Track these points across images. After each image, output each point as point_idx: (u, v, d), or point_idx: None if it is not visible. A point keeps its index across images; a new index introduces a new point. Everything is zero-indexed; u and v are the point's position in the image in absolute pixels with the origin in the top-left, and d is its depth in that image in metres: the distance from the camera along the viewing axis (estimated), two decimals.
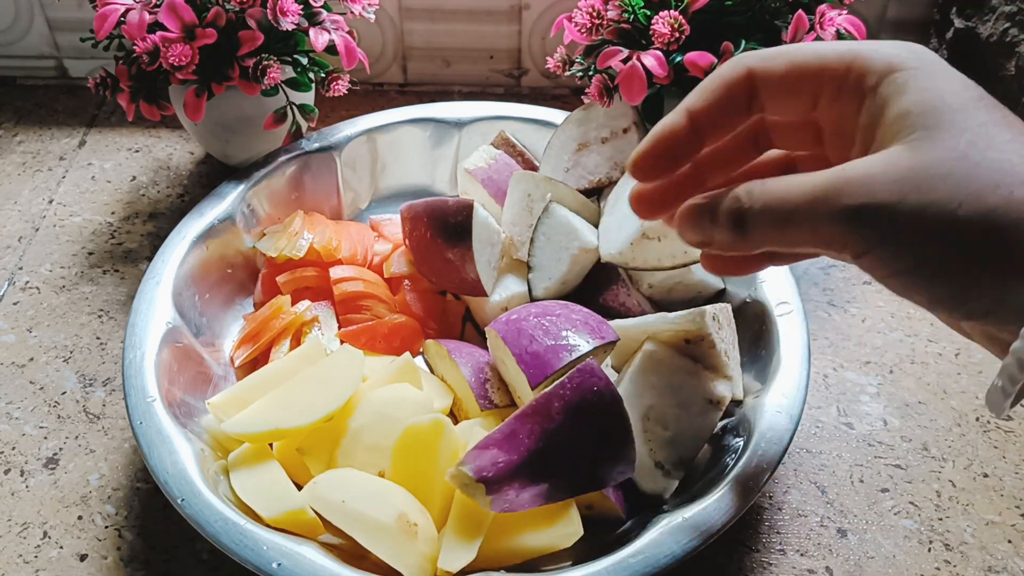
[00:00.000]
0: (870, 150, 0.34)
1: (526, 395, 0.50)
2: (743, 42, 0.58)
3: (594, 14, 0.60)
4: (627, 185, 0.57)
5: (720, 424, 0.52)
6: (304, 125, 0.67)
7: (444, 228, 0.57)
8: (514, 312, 0.52)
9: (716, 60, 0.57)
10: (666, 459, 0.48)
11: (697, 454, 0.49)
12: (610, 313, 0.56)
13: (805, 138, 0.39)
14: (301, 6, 0.61)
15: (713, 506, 0.45)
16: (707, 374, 0.49)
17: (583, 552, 0.47)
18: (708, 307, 0.49)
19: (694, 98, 0.38)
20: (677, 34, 0.57)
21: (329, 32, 0.63)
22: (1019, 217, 0.29)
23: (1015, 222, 0.29)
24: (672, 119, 0.39)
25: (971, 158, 0.30)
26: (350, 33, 0.64)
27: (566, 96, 0.84)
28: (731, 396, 0.50)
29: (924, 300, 0.33)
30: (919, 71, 0.33)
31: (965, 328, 0.35)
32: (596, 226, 0.60)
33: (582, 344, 0.48)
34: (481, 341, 0.59)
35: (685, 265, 0.54)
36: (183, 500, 0.45)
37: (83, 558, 0.50)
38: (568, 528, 0.46)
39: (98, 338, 0.62)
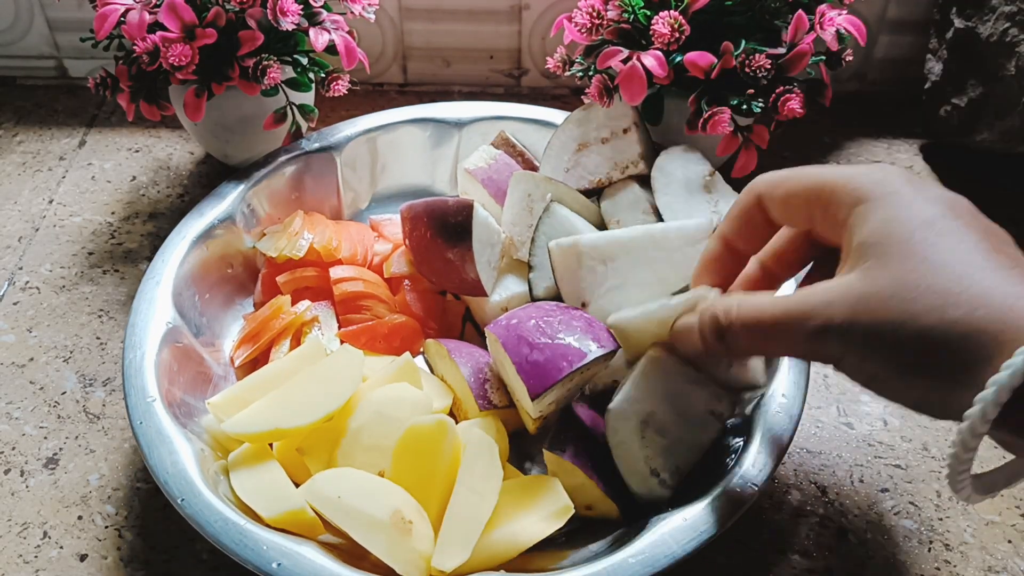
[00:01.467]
0: (839, 269, 0.39)
1: (525, 402, 0.50)
2: (743, 42, 0.58)
3: (594, 14, 0.60)
4: (677, 160, 0.59)
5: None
6: (304, 125, 0.67)
7: (444, 228, 0.57)
8: (513, 316, 0.51)
9: (716, 60, 0.57)
10: (662, 467, 0.48)
11: (692, 465, 0.48)
12: None
13: (803, 225, 0.43)
14: (301, 6, 0.61)
15: (713, 506, 0.45)
16: (711, 385, 0.49)
17: (583, 552, 0.47)
18: (701, 289, 0.47)
19: (724, 225, 0.46)
20: (677, 34, 0.57)
21: (329, 32, 0.63)
22: (949, 335, 0.34)
23: (946, 339, 0.34)
24: (711, 246, 0.47)
25: (913, 283, 0.35)
26: (350, 33, 0.64)
27: (566, 96, 0.84)
28: (735, 411, 0.49)
29: (905, 404, 0.38)
30: (881, 202, 0.38)
31: None
32: (597, 226, 0.60)
33: (582, 353, 0.48)
34: (481, 341, 0.59)
35: None
36: (183, 500, 0.45)
37: (83, 558, 0.50)
38: (556, 503, 0.47)
39: (98, 338, 0.62)
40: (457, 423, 0.51)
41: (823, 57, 0.62)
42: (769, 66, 0.57)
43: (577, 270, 0.54)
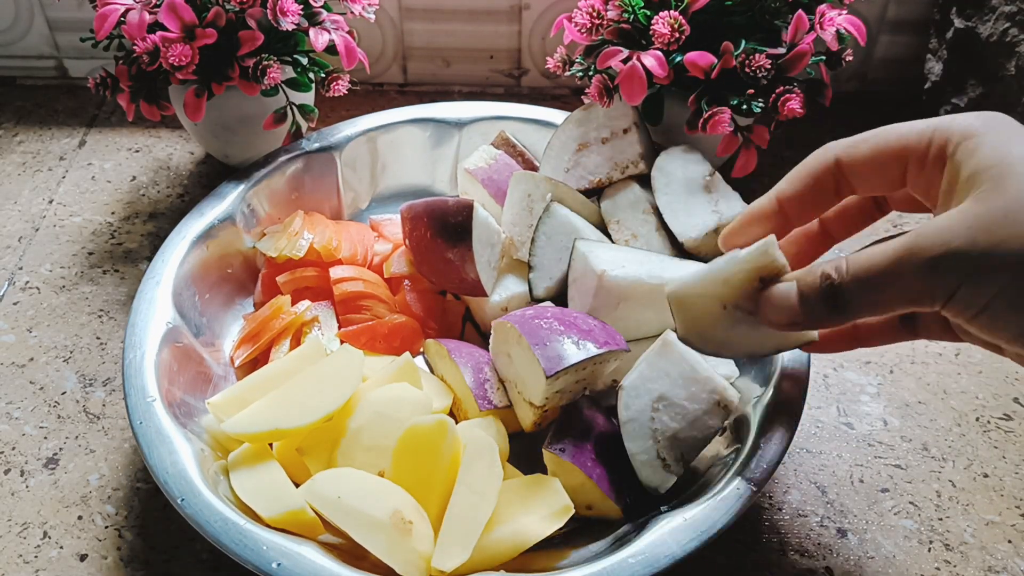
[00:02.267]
0: (945, 204, 0.38)
1: (532, 389, 0.50)
2: (743, 42, 0.58)
3: (594, 14, 0.60)
4: (677, 160, 0.59)
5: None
6: (304, 125, 0.67)
7: (444, 228, 0.57)
8: (530, 309, 0.52)
9: (716, 60, 0.57)
10: (668, 452, 0.48)
11: (697, 455, 0.49)
12: None
13: (886, 185, 0.42)
14: (301, 6, 0.61)
15: (713, 506, 0.45)
16: (719, 377, 0.49)
17: (583, 552, 0.47)
18: (771, 237, 0.44)
19: (784, 185, 0.43)
20: (677, 34, 0.57)
21: (329, 32, 0.63)
22: None
23: None
24: (762, 203, 0.44)
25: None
26: (350, 33, 0.64)
27: (566, 96, 0.84)
28: (736, 405, 0.50)
29: (1009, 335, 0.36)
30: (989, 135, 0.37)
31: None
32: (597, 226, 0.60)
33: (597, 345, 0.49)
34: (481, 341, 0.59)
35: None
36: (183, 500, 0.45)
37: (83, 558, 0.50)
38: (556, 503, 0.47)
39: (98, 338, 0.62)
40: (457, 423, 0.51)
41: (823, 57, 0.62)
42: (769, 66, 0.57)
43: (592, 290, 0.54)
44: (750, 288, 0.43)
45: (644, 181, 0.60)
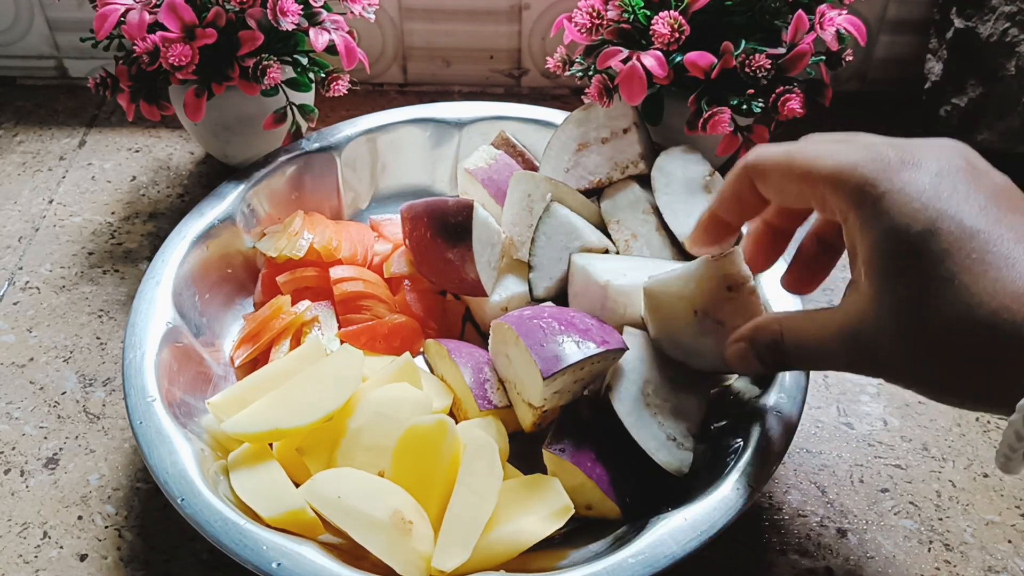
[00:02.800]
0: (854, 275, 0.41)
1: (531, 390, 0.50)
2: (743, 42, 0.58)
3: (594, 14, 0.60)
4: (677, 160, 0.59)
5: (720, 424, 0.52)
6: (304, 125, 0.67)
7: (444, 228, 0.57)
8: (527, 310, 0.52)
9: (716, 60, 0.57)
10: (675, 429, 0.49)
11: (700, 423, 0.49)
12: None
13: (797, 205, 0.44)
14: (301, 6, 0.61)
15: (713, 506, 0.45)
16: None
17: (583, 552, 0.47)
18: (737, 249, 0.48)
19: (715, 203, 0.47)
20: (677, 34, 0.57)
21: (329, 32, 0.63)
22: (962, 370, 0.37)
23: (959, 373, 0.37)
24: (703, 219, 0.48)
25: (921, 317, 0.37)
26: (350, 33, 0.64)
27: (566, 96, 0.84)
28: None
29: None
30: (877, 207, 0.37)
31: None
32: (597, 226, 0.60)
33: (595, 344, 0.49)
34: (481, 341, 0.59)
35: None
36: (183, 500, 0.45)
37: (83, 558, 0.50)
38: (556, 503, 0.47)
39: (98, 338, 0.62)
40: (457, 423, 0.51)
41: (823, 57, 0.62)
42: (769, 66, 0.57)
43: (599, 301, 0.54)
44: (718, 295, 0.48)
45: (644, 181, 0.60)
